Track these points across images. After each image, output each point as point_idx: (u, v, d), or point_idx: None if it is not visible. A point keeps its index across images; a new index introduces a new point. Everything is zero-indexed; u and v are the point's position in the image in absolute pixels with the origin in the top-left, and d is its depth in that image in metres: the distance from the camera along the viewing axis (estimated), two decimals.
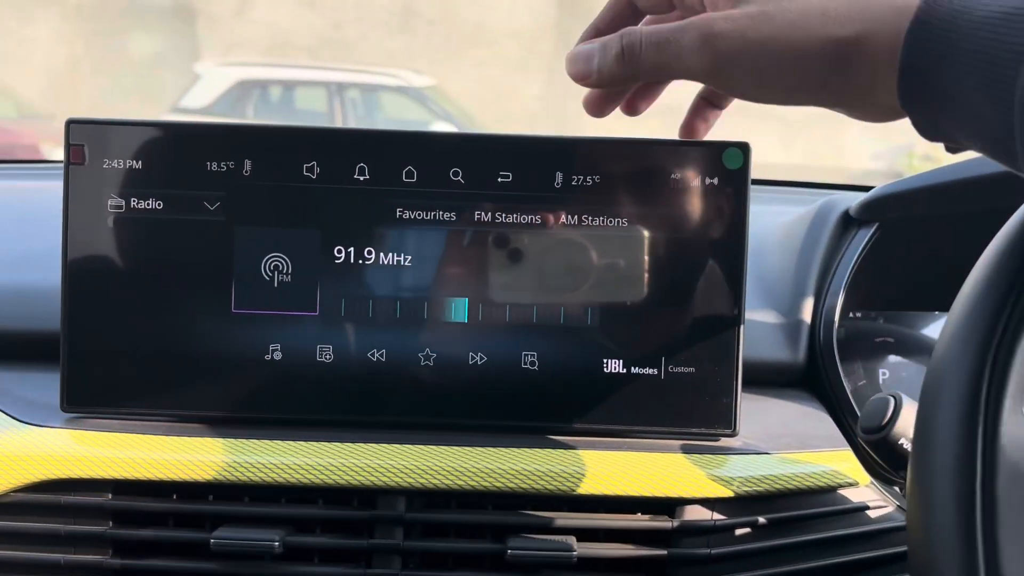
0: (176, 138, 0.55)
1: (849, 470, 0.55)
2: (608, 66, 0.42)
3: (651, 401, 0.56)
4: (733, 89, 0.41)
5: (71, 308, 0.55)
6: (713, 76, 0.40)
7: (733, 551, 0.52)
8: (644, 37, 0.41)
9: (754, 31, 0.38)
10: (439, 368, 0.56)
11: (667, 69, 0.41)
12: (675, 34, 0.40)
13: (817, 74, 0.38)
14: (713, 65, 0.39)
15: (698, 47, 0.39)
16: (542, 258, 0.55)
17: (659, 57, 0.40)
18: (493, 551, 0.52)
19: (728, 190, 0.55)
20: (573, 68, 0.44)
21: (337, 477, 0.52)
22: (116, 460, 0.52)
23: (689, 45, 0.39)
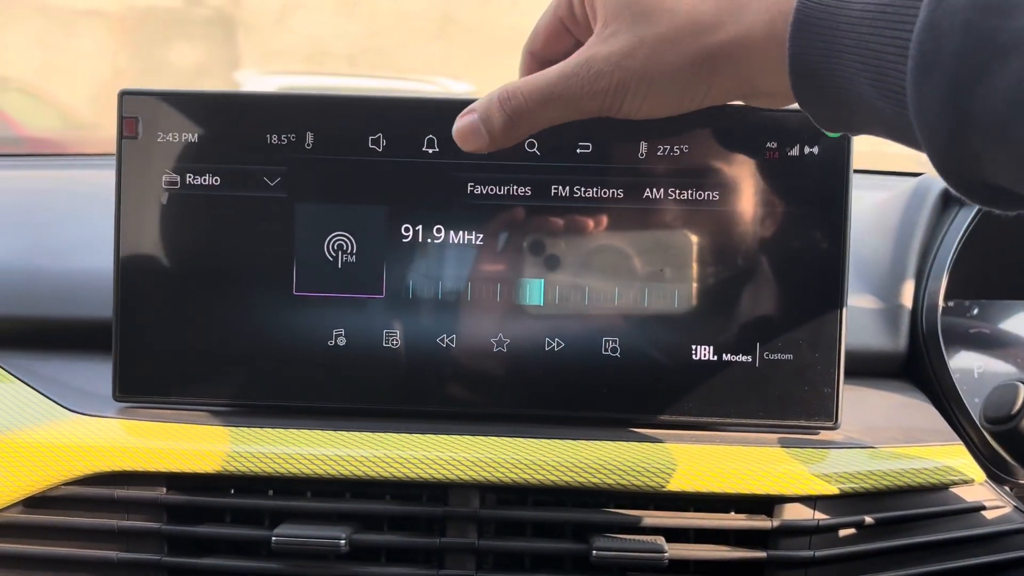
0: (234, 109, 0.52)
1: (963, 466, 0.50)
2: (499, 133, 0.42)
3: (745, 391, 0.51)
4: (628, 115, 0.41)
5: (123, 292, 0.52)
6: (606, 110, 0.41)
7: (837, 553, 0.48)
8: (527, 95, 0.41)
9: (629, 59, 0.39)
10: (512, 354, 0.52)
11: (558, 117, 0.42)
12: (558, 84, 0.41)
13: (700, 81, 0.39)
14: (603, 102, 0.40)
15: (584, 90, 0.40)
16: (624, 235, 0.51)
17: (547, 109, 0.41)
18: (576, 552, 0.48)
19: (828, 160, 0.50)
20: (466, 145, 0.44)
21: (406, 470, 0.48)
22: (170, 452, 0.49)
23: (576, 91, 0.40)
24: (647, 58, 0.39)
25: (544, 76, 0.41)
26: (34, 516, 0.50)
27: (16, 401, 0.53)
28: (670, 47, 0.38)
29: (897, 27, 0.32)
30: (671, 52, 0.38)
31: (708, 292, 0.51)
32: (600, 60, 0.39)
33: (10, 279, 0.62)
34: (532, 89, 0.41)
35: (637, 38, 0.39)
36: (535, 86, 0.41)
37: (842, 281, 0.50)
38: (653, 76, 0.39)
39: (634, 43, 0.39)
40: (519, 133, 0.43)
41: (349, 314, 0.52)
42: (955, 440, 0.52)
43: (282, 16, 6.75)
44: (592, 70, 0.40)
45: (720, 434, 0.52)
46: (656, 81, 0.39)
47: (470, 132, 0.43)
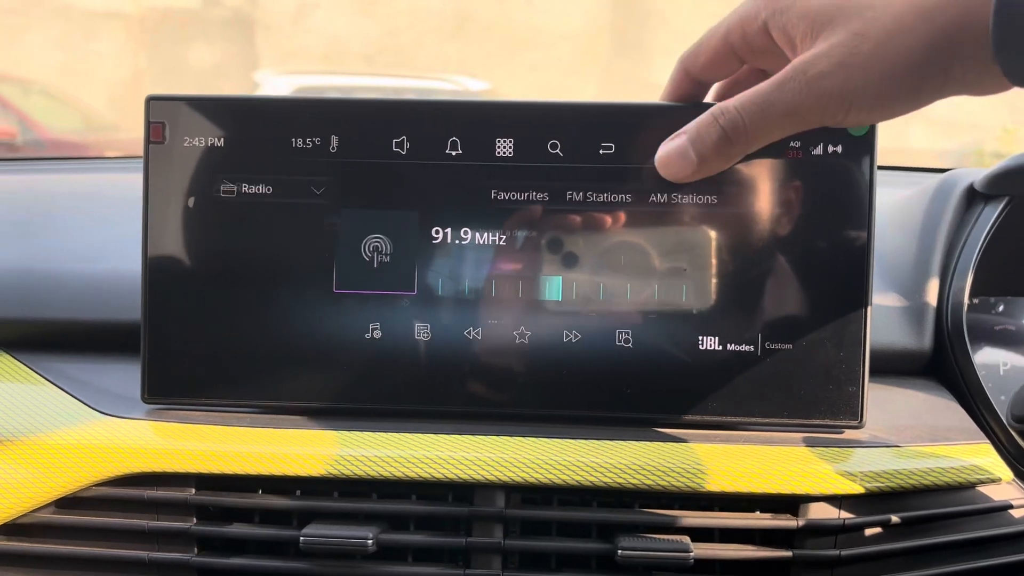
0: (259, 114, 0.52)
1: (989, 465, 0.50)
2: (711, 151, 0.40)
3: (769, 390, 0.51)
4: (856, 119, 0.38)
5: (151, 295, 0.53)
6: (830, 115, 0.38)
7: (864, 552, 0.48)
8: (740, 107, 0.39)
9: (853, 56, 0.36)
10: (535, 347, 0.52)
11: (778, 128, 0.39)
12: (775, 92, 0.38)
13: (937, 67, 0.36)
14: (826, 106, 0.37)
15: (804, 94, 0.37)
16: (646, 233, 0.51)
17: (767, 120, 0.39)
18: (602, 551, 0.48)
19: (852, 158, 0.50)
20: (669, 170, 0.42)
21: (432, 470, 0.48)
22: (199, 453, 0.50)
23: (794, 96, 0.37)
24: (873, 52, 0.36)
25: (757, 88, 0.39)
26: (66, 516, 0.50)
27: (47, 403, 0.54)
28: (898, 35, 0.35)
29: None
30: (900, 40, 0.35)
31: (731, 291, 0.51)
32: (820, 59, 0.37)
33: (39, 282, 0.62)
34: (746, 101, 0.39)
35: (858, 34, 0.36)
36: (749, 98, 0.39)
37: (867, 280, 0.50)
38: (884, 70, 0.36)
39: (855, 39, 0.36)
40: (734, 152, 0.40)
41: (384, 309, 0.52)
42: (981, 439, 0.52)
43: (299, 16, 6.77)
44: (812, 71, 0.37)
45: (745, 434, 0.52)
46: (888, 75, 0.36)
47: (677, 156, 0.41)
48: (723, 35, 0.44)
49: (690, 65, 0.46)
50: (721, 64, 0.45)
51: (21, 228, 0.70)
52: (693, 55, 0.46)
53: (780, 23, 0.40)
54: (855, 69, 0.36)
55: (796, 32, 0.39)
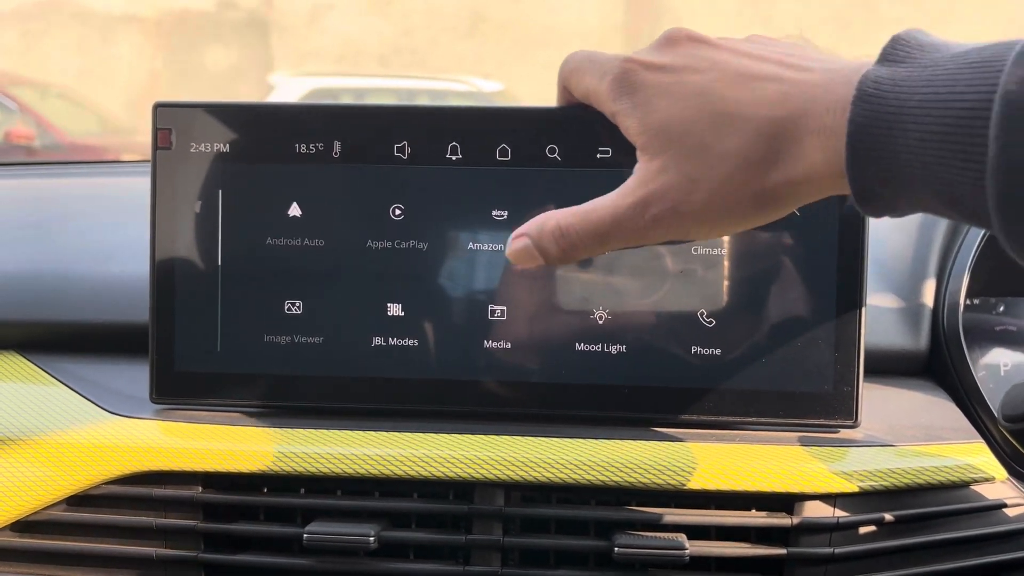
0: (264, 119, 0.53)
1: (983, 464, 0.50)
2: (553, 259, 0.42)
3: (765, 390, 0.52)
4: (700, 238, 0.40)
5: (159, 297, 0.54)
6: (663, 241, 0.41)
7: (857, 550, 0.48)
8: (579, 234, 0.40)
9: (686, 204, 0.38)
10: (533, 346, 0.53)
11: (610, 250, 0.41)
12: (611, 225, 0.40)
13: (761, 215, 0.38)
14: (662, 238, 0.40)
15: (641, 233, 0.39)
16: None
17: (602, 246, 0.41)
18: (599, 548, 0.49)
19: None
20: (521, 264, 0.43)
21: (433, 469, 0.49)
22: (205, 452, 0.51)
23: (626, 234, 0.39)
24: (705, 202, 0.37)
25: (598, 214, 0.40)
26: (76, 514, 0.52)
27: (58, 403, 0.55)
28: (728, 189, 0.37)
29: (965, 159, 0.30)
30: (729, 194, 0.37)
31: (728, 292, 0.52)
32: (655, 203, 0.38)
33: (49, 284, 0.64)
34: (585, 229, 0.40)
35: (691, 181, 0.37)
36: (589, 226, 0.40)
37: (861, 281, 0.51)
38: (713, 217, 0.38)
39: (688, 186, 0.37)
40: (573, 260, 0.42)
41: (387, 311, 0.53)
42: (976, 438, 0.52)
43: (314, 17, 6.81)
44: (648, 215, 0.38)
45: (741, 433, 0.52)
46: (717, 221, 0.38)
47: (526, 257, 0.42)
48: (583, 95, 0.44)
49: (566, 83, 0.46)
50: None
51: (33, 231, 0.71)
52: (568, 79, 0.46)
53: (624, 123, 0.41)
54: (688, 216, 0.38)
55: (637, 143, 0.40)
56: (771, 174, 0.36)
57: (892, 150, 0.33)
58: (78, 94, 5.66)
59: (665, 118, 0.38)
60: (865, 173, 0.34)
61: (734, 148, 0.37)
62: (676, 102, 0.38)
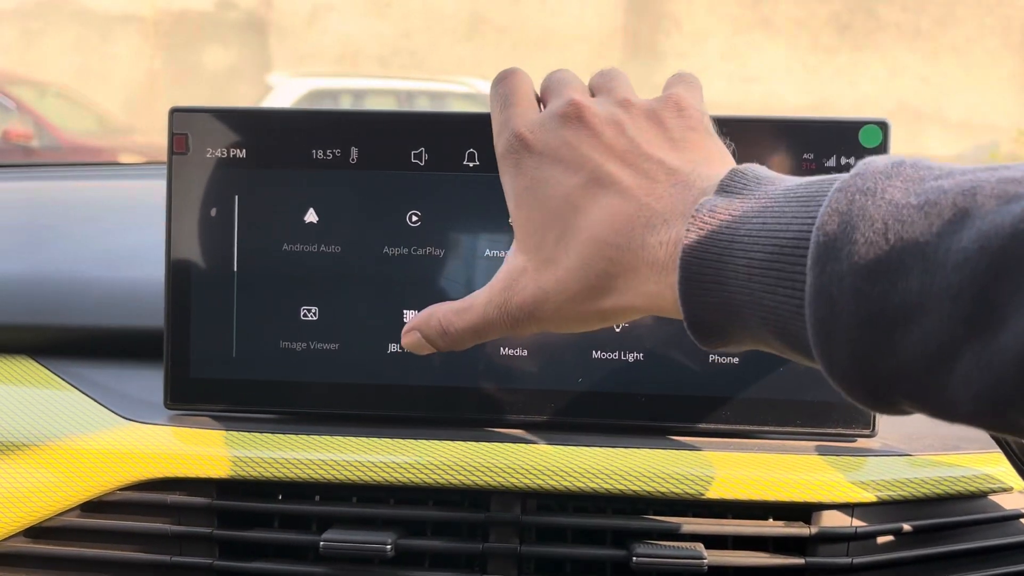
0: (281, 126, 0.53)
1: (1001, 474, 0.50)
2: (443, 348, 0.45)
3: (783, 399, 0.52)
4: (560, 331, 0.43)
5: (174, 303, 0.54)
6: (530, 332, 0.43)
7: (876, 560, 0.48)
8: (459, 331, 0.44)
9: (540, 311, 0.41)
10: (550, 353, 0.53)
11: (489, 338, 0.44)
12: (483, 324, 0.43)
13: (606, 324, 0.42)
14: (526, 330, 0.42)
15: (508, 328, 0.42)
16: None
17: (479, 340, 0.44)
18: (616, 558, 0.48)
19: None
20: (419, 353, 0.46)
21: (449, 477, 0.49)
22: (220, 459, 0.50)
23: (500, 328, 0.43)
24: (554, 311, 0.41)
25: (471, 313, 0.43)
26: (91, 520, 0.51)
27: (73, 409, 0.55)
28: (572, 307, 0.40)
29: (788, 288, 0.32)
30: (573, 310, 0.40)
31: None
32: (515, 309, 0.42)
33: (63, 288, 0.64)
34: (462, 327, 0.43)
35: (543, 292, 0.41)
36: (465, 323, 0.43)
37: None
38: (562, 323, 0.41)
39: (541, 296, 0.41)
40: (462, 348, 0.45)
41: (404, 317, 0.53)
42: (993, 448, 0.52)
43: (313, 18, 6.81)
44: (509, 317, 0.42)
45: (758, 442, 0.52)
46: (567, 326, 0.42)
47: (419, 347, 0.45)
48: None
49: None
50: None
51: (46, 234, 0.71)
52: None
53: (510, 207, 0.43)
54: (543, 321, 0.41)
55: (514, 225, 0.43)
56: (606, 300, 0.39)
57: (722, 278, 0.34)
58: (77, 93, 5.66)
59: (527, 218, 0.41)
60: (697, 301, 0.35)
61: (576, 266, 0.39)
62: (539, 204, 0.41)
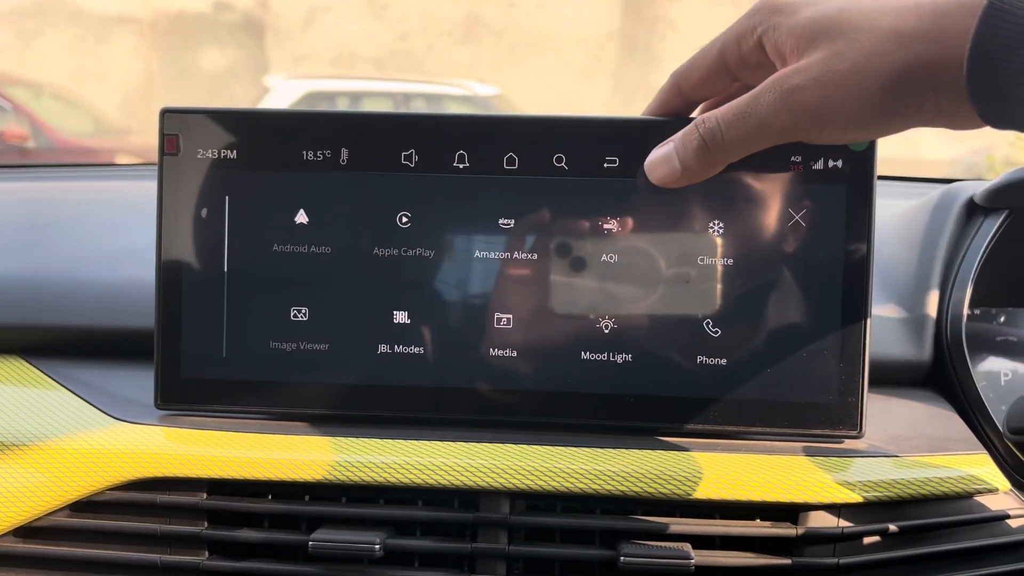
0: (271, 126, 0.53)
1: (987, 475, 0.50)
2: (692, 159, 0.42)
3: (770, 400, 0.52)
4: (830, 137, 0.39)
5: (165, 303, 0.54)
6: (804, 130, 0.39)
7: (862, 561, 0.49)
8: (720, 117, 0.40)
9: (831, 73, 0.37)
10: (538, 354, 0.53)
11: (754, 140, 0.40)
12: (751, 104, 0.39)
13: (911, 95, 0.37)
14: (799, 120, 0.38)
15: (779, 107, 0.38)
16: (649, 244, 0.52)
17: (742, 130, 0.40)
18: (604, 558, 0.49)
19: (853, 173, 0.51)
20: (656, 174, 0.43)
21: (438, 477, 0.49)
22: (210, 459, 0.51)
23: (768, 108, 0.39)
24: (849, 71, 0.37)
25: (737, 100, 0.40)
26: (80, 520, 0.52)
27: (63, 409, 0.55)
28: (876, 58, 0.36)
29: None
30: (877, 63, 0.36)
31: (734, 301, 0.52)
32: (797, 73, 0.38)
33: (54, 289, 0.64)
34: (726, 111, 0.40)
35: (837, 53, 0.37)
36: (728, 108, 0.40)
37: (867, 292, 0.51)
38: (858, 90, 0.37)
39: (834, 58, 0.37)
40: (712, 160, 0.41)
41: (393, 318, 0.53)
42: (979, 449, 0.53)
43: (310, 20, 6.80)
44: (787, 84, 0.38)
45: (745, 443, 0.52)
46: (862, 95, 0.37)
47: (662, 161, 0.43)
48: (719, 51, 0.45)
49: (683, 82, 0.47)
50: (714, 81, 0.46)
51: (37, 235, 0.71)
52: (687, 72, 0.47)
53: (772, 38, 0.41)
54: (830, 86, 0.37)
55: (785, 47, 0.40)
56: (920, 44, 0.36)
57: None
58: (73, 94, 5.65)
59: (815, 14, 0.38)
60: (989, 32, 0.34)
61: (887, 23, 0.36)
62: (823, 3, 0.39)
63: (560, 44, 6.50)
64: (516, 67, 6.51)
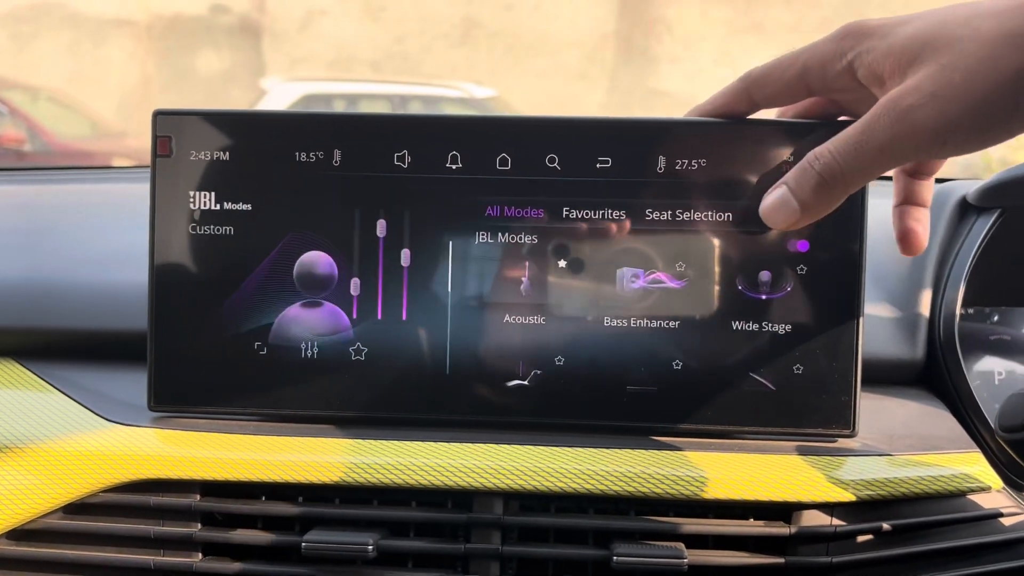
0: (264, 128, 0.53)
1: (980, 473, 0.50)
2: (811, 197, 0.41)
3: (763, 400, 0.52)
4: (952, 151, 0.38)
5: (158, 305, 0.54)
6: (925, 149, 0.38)
7: (855, 559, 0.49)
8: (834, 151, 0.39)
9: (945, 88, 0.36)
10: (531, 354, 0.53)
11: (873, 168, 0.39)
12: (865, 132, 0.38)
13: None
14: (921, 140, 0.37)
15: (897, 130, 0.37)
16: (643, 246, 0.52)
17: (861, 160, 0.39)
18: (598, 557, 0.49)
19: None
20: (776, 220, 0.43)
21: (432, 478, 0.49)
22: (204, 460, 0.51)
23: (886, 133, 0.37)
24: (964, 81, 0.35)
25: (849, 129, 0.39)
26: (74, 522, 0.52)
27: (56, 411, 0.55)
28: (989, 63, 0.35)
29: None
30: (991, 68, 0.35)
31: (726, 301, 0.52)
32: (911, 93, 0.36)
33: (47, 291, 0.64)
34: (840, 143, 0.39)
35: (947, 66, 0.36)
36: (842, 140, 0.39)
37: (859, 291, 0.51)
38: (977, 98, 0.36)
39: (945, 71, 0.36)
40: (834, 196, 0.41)
41: (385, 320, 0.53)
42: (972, 448, 0.53)
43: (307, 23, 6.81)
44: (903, 104, 0.37)
45: (739, 442, 0.52)
46: (982, 104, 0.36)
47: (780, 205, 0.42)
48: (799, 71, 0.43)
49: (756, 91, 0.46)
50: (790, 96, 0.46)
51: (30, 237, 0.71)
52: (761, 82, 0.46)
53: (866, 62, 0.40)
54: (948, 101, 0.36)
55: (883, 69, 0.39)
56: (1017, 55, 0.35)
57: None
58: (69, 98, 5.64)
59: (912, 32, 0.37)
60: None
61: (990, 28, 0.35)
62: (916, 21, 0.38)
63: (557, 46, 6.51)
64: (513, 69, 6.52)
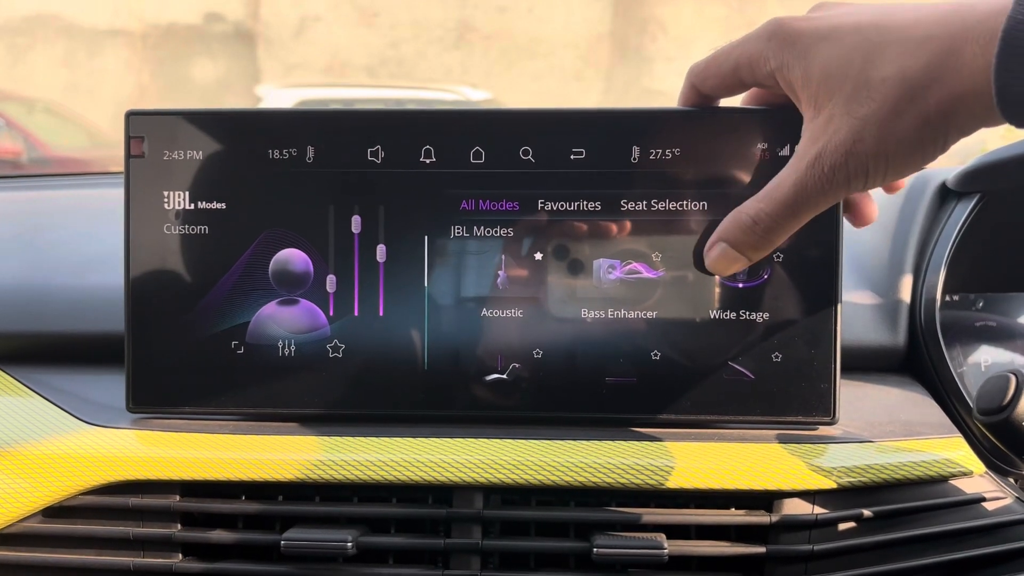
0: (237, 126, 0.53)
1: (961, 458, 0.50)
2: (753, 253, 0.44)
3: (743, 389, 0.52)
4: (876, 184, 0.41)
5: (134, 307, 0.54)
6: (854, 189, 0.40)
7: (837, 547, 0.48)
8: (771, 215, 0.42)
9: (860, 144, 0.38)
10: (509, 348, 0.53)
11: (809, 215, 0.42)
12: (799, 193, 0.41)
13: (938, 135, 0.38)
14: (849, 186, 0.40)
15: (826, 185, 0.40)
16: (617, 236, 0.52)
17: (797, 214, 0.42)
18: (578, 550, 0.48)
19: None
20: (725, 271, 0.46)
21: (411, 473, 0.49)
22: (183, 461, 0.50)
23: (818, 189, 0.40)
24: (876, 138, 0.38)
25: (780, 190, 0.41)
26: (52, 525, 0.51)
27: (34, 414, 0.55)
28: (893, 118, 0.37)
29: None
30: (896, 123, 0.37)
31: (703, 291, 0.52)
32: (830, 154, 0.39)
33: (27, 296, 0.63)
34: (775, 208, 0.42)
35: (859, 120, 0.38)
36: (777, 203, 0.42)
37: (836, 278, 0.51)
38: (888, 152, 0.38)
39: (858, 126, 0.38)
40: (774, 244, 0.44)
41: (363, 317, 0.53)
42: (954, 433, 0.53)
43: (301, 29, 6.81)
44: (826, 167, 0.39)
45: (719, 431, 0.52)
46: (894, 154, 0.38)
47: (731, 261, 0.45)
48: (732, 68, 0.45)
49: (698, 83, 0.48)
50: (728, 89, 0.47)
51: (8, 244, 0.71)
52: (701, 76, 0.48)
53: (786, 78, 0.42)
54: (864, 156, 0.39)
55: (801, 94, 0.41)
56: (932, 91, 0.37)
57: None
58: (65, 108, 5.65)
59: (825, 63, 0.39)
60: (1012, 69, 0.34)
61: (893, 72, 0.37)
62: (833, 44, 0.39)
63: (551, 47, 6.51)
64: (508, 71, 6.51)
